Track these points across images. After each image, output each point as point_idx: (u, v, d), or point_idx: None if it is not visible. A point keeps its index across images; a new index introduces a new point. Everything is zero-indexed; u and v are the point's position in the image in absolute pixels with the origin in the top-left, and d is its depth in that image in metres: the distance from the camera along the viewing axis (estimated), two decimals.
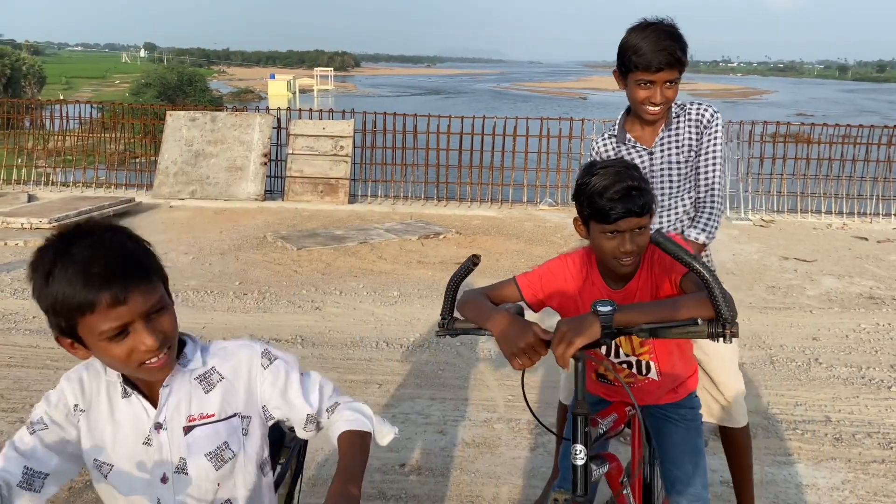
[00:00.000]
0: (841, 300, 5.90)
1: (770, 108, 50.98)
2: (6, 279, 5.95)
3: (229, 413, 1.37)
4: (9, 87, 30.78)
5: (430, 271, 6.48)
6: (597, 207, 1.75)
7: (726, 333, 1.51)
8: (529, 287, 1.95)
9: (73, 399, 1.32)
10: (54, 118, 11.23)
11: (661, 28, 2.30)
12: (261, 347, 1.43)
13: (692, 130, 2.47)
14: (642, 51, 2.28)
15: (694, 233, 2.47)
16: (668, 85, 2.34)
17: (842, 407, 3.91)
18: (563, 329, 1.55)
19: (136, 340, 1.22)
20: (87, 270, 1.18)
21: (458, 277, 1.79)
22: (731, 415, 2.61)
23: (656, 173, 2.50)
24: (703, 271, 1.48)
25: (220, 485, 1.35)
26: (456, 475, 3.17)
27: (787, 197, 9.78)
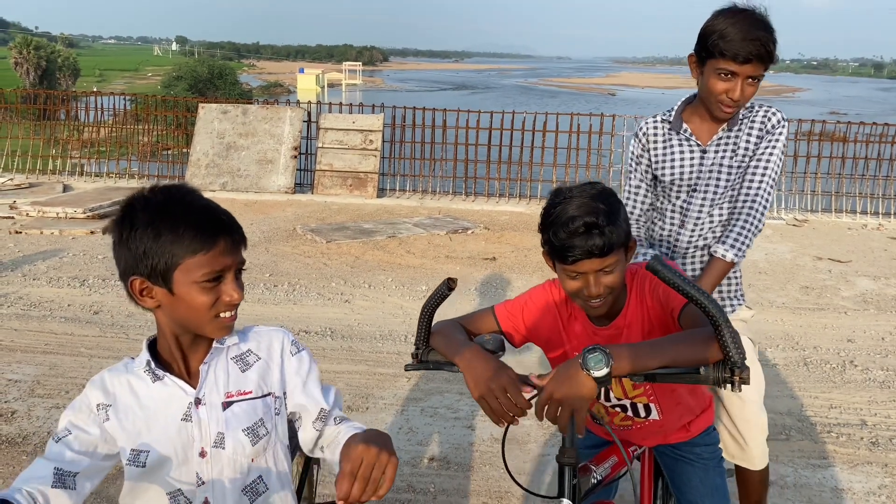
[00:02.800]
0: (877, 302, 5.78)
1: (803, 106, 50.06)
2: (42, 267, 6.08)
3: (265, 391, 1.42)
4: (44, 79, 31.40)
5: (458, 266, 6.48)
6: (554, 245, 1.51)
7: (734, 380, 1.30)
8: (509, 319, 1.73)
9: (96, 399, 1.35)
10: (88, 110, 11.42)
11: (754, 16, 2.05)
12: (290, 336, 1.50)
13: (754, 135, 2.21)
14: (730, 37, 2.02)
15: (721, 249, 2.17)
16: (750, 81, 2.07)
17: (878, 411, 3.83)
18: (556, 394, 1.34)
19: (224, 290, 1.32)
20: (212, 215, 1.30)
21: (433, 304, 1.56)
22: (750, 457, 2.37)
23: (704, 174, 2.24)
24: (708, 305, 1.28)
25: (255, 460, 1.39)
26: (485, 470, 3.17)
27: (822, 196, 9.60)
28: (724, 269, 2.18)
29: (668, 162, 2.28)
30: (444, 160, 10.28)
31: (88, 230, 7.25)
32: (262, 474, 1.41)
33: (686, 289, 1.29)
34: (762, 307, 5.46)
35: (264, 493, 1.42)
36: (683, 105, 2.30)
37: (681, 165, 2.26)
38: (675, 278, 1.30)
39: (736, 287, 2.38)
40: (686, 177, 2.26)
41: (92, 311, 5.08)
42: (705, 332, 1.35)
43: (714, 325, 1.30)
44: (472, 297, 5.61)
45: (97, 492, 2.84)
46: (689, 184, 2.27)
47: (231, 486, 1.37)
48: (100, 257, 6.40)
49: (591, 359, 1.31)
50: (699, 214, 2.26)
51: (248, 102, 11.53)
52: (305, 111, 10.20)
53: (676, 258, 2.32)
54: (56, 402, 3.67)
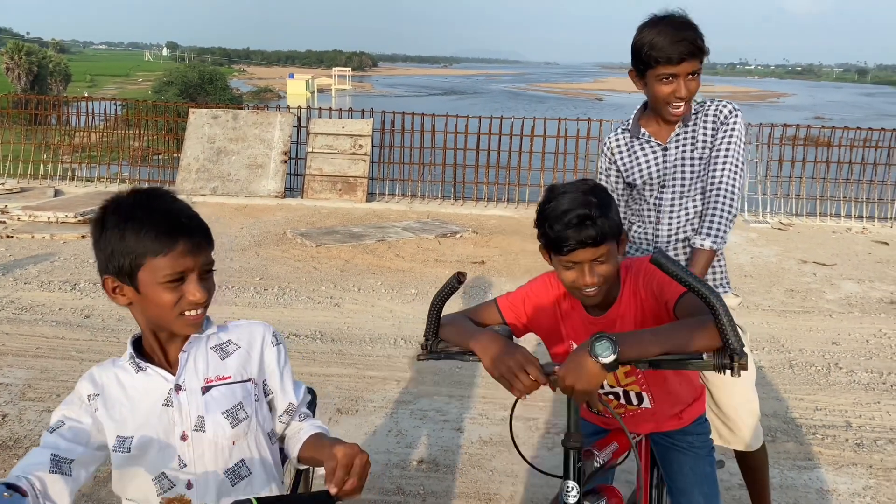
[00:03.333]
0: (861, 304, 5.86)
1: (788, 111, 50.50)
2: (33, 271, 6.06)
3: (245, 377, 1.48)
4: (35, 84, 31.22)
5: (447, 270, 6.51)
6: (550, 238, 1.61)
7: (734, 366, 1.38)
8: (511, 310, 1.81)
9: (87, 391, 1.41)
10: (79, 115, 11.38)
11: (675, 20, 2.20)
12: (271, 328, 1.57)
13: (709, 127, 2.34)
14: (660, 45, 2.16)
15: (699, 239, 2.25)
16: (690, 77, 2.20)
17: (863, 412, 3.89)
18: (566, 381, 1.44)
19: (187, 290, 1.37)
20: (173, 219, 1.35)
21: (443, 296, 1.63)
22: (745, 440, 2.44)
23: (669, 171, 2.37)
24: (709, 296, 1.36)
25: (236, 443, 1.44)
26: (473, 472, 3.20)
27: (806, 200, 9.71)
28: (708, 257, 2.25)
29: (635, 166, 2.42)
30: (433, 165, 10.33)
31: (79, 234, 7.23)
32: (244, 458, 1.46)
33: (687, 279, 1.37)
34: (748, 310, 5.52)
35: (247, 476, 1.47)
36: (640, 112, 2.44)
37: (647, 166, 2.40)
38: (678, 270, 1.39)
39: (721, 275, 2.48)
40: (654, 175, 2.39)
41: (83, 314, 5.07)
42: (705, 320, 1.42)
43: (714, 314, 1.36)
44: (460, 301, 5.65)
45: (88, 495, 2.85)
46: (659, 181, 2.40)
47: (213, 468, 1.42)
48: (91, 261, 6.39)
49: (598, 346, 1.38)
50: (671, 208, 2.38)
51: (239, 107, 11.54)
52: (295, 116, 10.22)
53: None
54: (47, 406, 3.67)
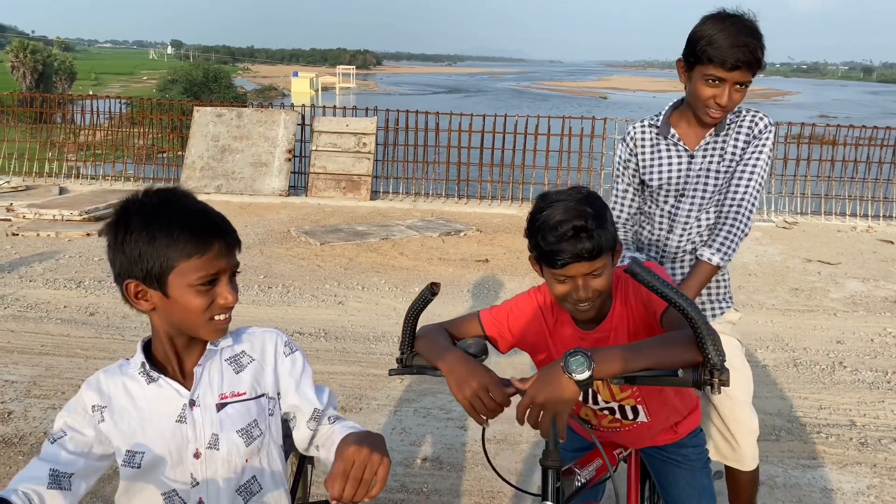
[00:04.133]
0: (866, 303, 5.84)
1: (793, 109, 50.32)
2: (39, 269, 6.09)
3: (259, 393, 1.43)
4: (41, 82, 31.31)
5: (451, 268, 6.52)
6: (542, 250, 1.52)
7: (714, 382, 1.31)
8: (494, 324, 1.73)
9: (91, 401, 1.35)
10: (84, 113, 11.42)
11: (743, 22, 2.04)
12: (284, 337, 1.51)
13: (741, 140, 2.20)
14: (718, 43, 2.01)
15: (707, 252, 2.16)
16: (738, 87, 2.07)
17: (867, 411, 3.89)
18: (537, 398, 1.34)
19: (219, 293, 1.33)
20: (206, 219, 1.30)
21: (417, 308, 1.58)
22: (741, 457, 2.35)
23: (692, 179, 2.24)
24: (687, 308, 1.29)
25: (248, 461, 1.40)
26: (477, 470, 3.20)
27: (811, 199, 9.69)
28: (710, 272, 2.17)
29: (655, 167, 2.28)
30: (437, 163, 10.33)
31: (84, 232, 7.26)
32: (255, 475, 1.42)
33: (664, 291, 1.30)
34: (752, 309, 5.51)
35: (258, 492, 1.43)
36: (671, 109, 2.29)
37: (668, 170, 2.27)
38: (654, 281, 1.30)
39: (724, 290, 2.37)
40: (674, 181, 2.26)
41: (88, 312, 5.09)
42: (685, 334, 1.36)
43: (693, 328, 1.30)
44: (464, 299, 5.66)
45: (94, 492, 2.86)
46: (677, 188, 2.27)
47: (225, 486, 1.38)
48: (96, 259, 6.42)
49: (572, 362, 1.32)
50: (687, 219, 2.27)
51: (243, 106, 11.55)
52: (299, 114, 10.23)
53: (666, 262, 2.32)
54: (52, 403, 3.69)
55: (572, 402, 1.35)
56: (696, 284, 2.17)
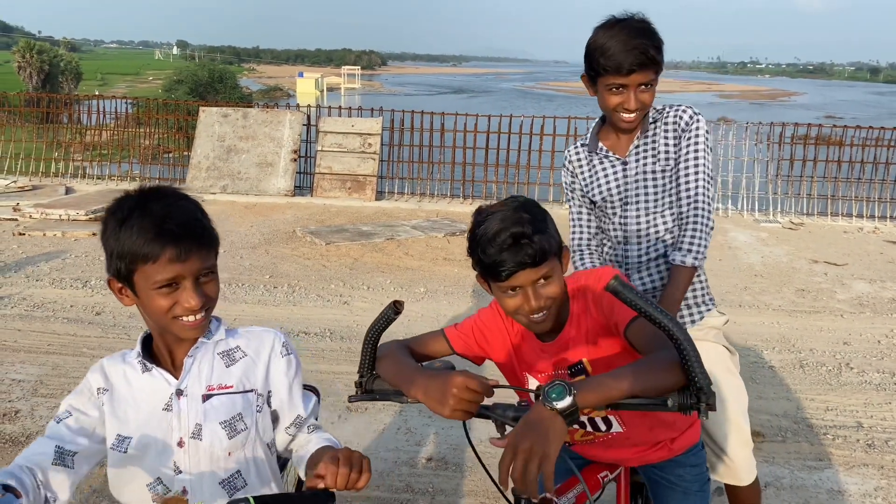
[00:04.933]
0: (872, 305, 5.82)
1: (799, 110, 50.17)
2: (45, 269, 6.11)
3: (247, 388, 1.45)
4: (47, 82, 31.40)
5: (455, 268, 6.52)
6: (485, 264, 1.47)
7: (701, 406, 1.24)
8: (461, 339, 1.68)
9: (97, 383, 1.41)
10: (90, 113, 11.48)
11: (631, 25, 2.04)
12: (283, 338, 1.53)
13: (670, 136, 2.18)
14: (611, 51, 2.01)
15: (679, 256, 2.12)
16: (642, 88, 2.07)
17: (874, 413, 3.87)
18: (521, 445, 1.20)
19: (181, 296, 1.34)
20: (160, 225, 1.31)
21: (378, 328, 1.49)
22: (736, 472, 2.27)
23: (631, 186, 2.22)
24: (672, 328, 1.23)
25: (231, 454, 1.42)
26: (482, 471, 3.20)
27: (818, 200, 9.66)
28: (689, 275, 2.12)
29: (594, 182, 2.28)
30: (442, 163, 10.34)
31: (90, 232, 7.28)
32: (240, 469, 1.44)
33: (648, 310, 1.23)
34: (758, 310, 5.50)
35: (243, 488, 1.44)
36: (598, 126, 2.31)
37: (606, 182, 2.26)
38: (637, 299, 1.23)
39: (703, 293, 2.29)
40: (614, 191, 2.24)
41: (94, 311, 5.11)
42: (668, 356, 1.29)
43: (678, 349, 1.24)
44: (468, 299, 5.66)
45: (101, 490, 2.87)
46: (619, 197, 2.25)
47: (209, 478, 1.41)
48: (102, 259, 6.42)
49: (550, 391, 1.23)
50: (638, 226, 2.23)
51: (249, 106, 11.58)
52: (305, 115, 10.25)
53: (631, 273, 2.26)
54: (59, 402, 3.68)
55: (560, 441, 1.21)
56: (678, 291, 2.12)
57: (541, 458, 1.18)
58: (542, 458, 1.18)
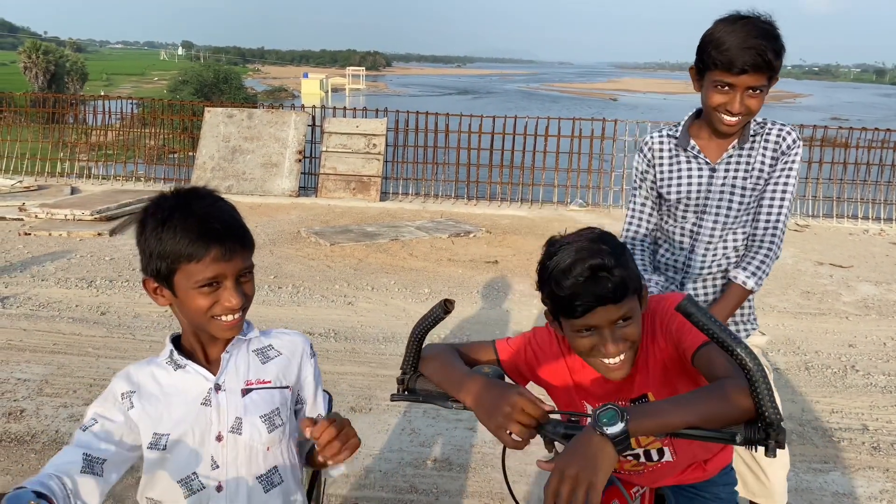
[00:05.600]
0: (878, 307, 5.80)
1: (805, 111, 50.03)
2: (50, 268, 6.13)
3: (283, 384, 1.47)
4: (53, 83, 31.51)
5: (460, 269, 6.52)
6: (557, 298, 1.35)
7: (769, 444, 1.16)
8: (509, 354, 1.59)
9: (120, 388, 1.40)
10: (96, 113, 11.50)
11: (754, 23, 1.92)
12: (308, 340, 1.57)
13: (767, 154, 2.09)
14: (725, 46, 1.90)
15: (742, 275, 2.07)
16: (750, 92, 1.95)
17: (879, 416, 3.86)
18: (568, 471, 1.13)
19: (222, 295, 1.36)
20: (205, 224, 1.33)
21: (426, 326, 1.42)
22: (772, 493, 2.24)
23: (714, 195, 2.12)
24: (745, 357, 1.14)
25: (270, 449, 1.43)
26: (486, 472, 3.20)
27: (823, 201, 9.63)
28: (743, 296, 2.09)
29: (674, 180, 2.16)
30: (447, 164, 10.34)
31: (96, 232, 7.31)
32: (277, 465, 1.44)
33: (720, 335, 1.15)
34: (763, 312, 5.48)
35: (279, 484, 1.45)
36: (691, 119, 2.17)
37: (688, 184, 2.14)
38: (710, 323, 1.16)
39: (749, 312, 2.27)
40: (693, 197, 2.14)
41: (99, 311, 5.12)
42: (735, 385, 1.20)
43: (749, 379, 1.15)
44: (473, 301, 5.65)
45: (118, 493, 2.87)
46: (698, 204, 2.15)
47: (246, 472, 1.41)
48: (107, 259, 6.46)
49: (602, 415, 1.16)
50: (711, 238, 2.14)
51: (254, 107, 11.60)
52: (310, 115, 10.26)
53: (687, 282, 2.20)
54: (64, 402, 3.71)
55: (610, 468, 1.14)
56: (728, 307, 2.09)
57: (588, 486, 1.12)
58: (588, 486, 1.12)
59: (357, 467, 3.17)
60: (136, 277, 5.94)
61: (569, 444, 1.19)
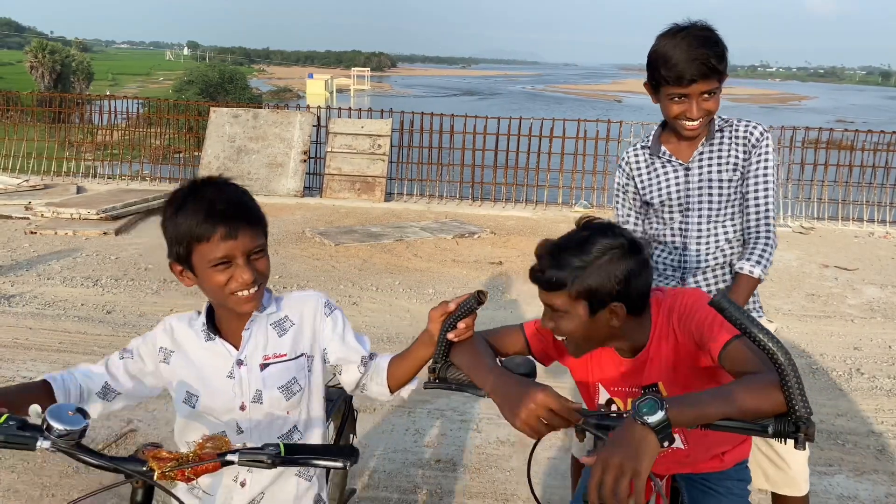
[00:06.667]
0: (884, 310, 5.79)
1: (810, 114, 49.86)
2: (56, 267, 6.15)
3: (298, 353, 1.59)
4: (59, 82, 31.61)
5: (464, 270, 6.52)
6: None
7: (798, 436, 1.20)
8: (538, 338, 1.66)
9: (161, 342, 1.57)
10: (102, 113, 11.56)
11: (693, 34, 2.03)
12: (324, 298, 1.65)
13: (738, 148, 2.20)
14: (672, 61, 2.01)
15: (748, 265, 2.15)
16: (705, 97, 2.06)
17: (885, 419, 3.85)
18: (611, 460, 1.15)
19: (236, 272, 1.46)
20: (211, 207, 1.44)
21: (458, 316, 1.47)
22: (793, 480, 2.26)
23: (693, 191, 2.23)
24: (776, 351, 1.18)
25: (289, 413, 1.58)
26: (491, 472, 3.20)
27: (828, 204, 9.61)
28: (753, 286, 2.17)
29: (654, 185, 2.28)
30: (452, 165, 10.34)
31: (101, 231, 7.33)
32: (296, 424, 1.60)
33: (752, 330, 1.19)
34: (768, 314, 5.46)
35: (299, 439, 1.61)
36: (660, 129, 2.30)
37: (667, 186, 2.26)
38: (742, 317, 1.19)
39: (755, 301, 2.37)
40: (674, 197, 2.25)
41: (104, 310, 5.14)
42: (767, 379, 1.24)
43: (780, 373, 1.19)
44: None
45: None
46: (680, 203, 2.25)
47: (268, 435, 1.56)
48: (112, 258, 6.48)
49: (641, 406, 1.18)
50: (699, 232, 2.24)
51: (259, 107, 11.62)
52: (315, 116, 10.28)
53: (688, 277, 2.29)
54: None
55: (653, 458, 1.16)
56: (741, 299, 2.15)
57: (632, 475, 1.14)
58: (633, 475, 1.14)
59: (360, 467, 3.17)
60: (141, 276, 5.96)
61: (611, 436, 1.22)
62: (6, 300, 5.24)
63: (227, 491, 1.55)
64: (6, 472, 3.08)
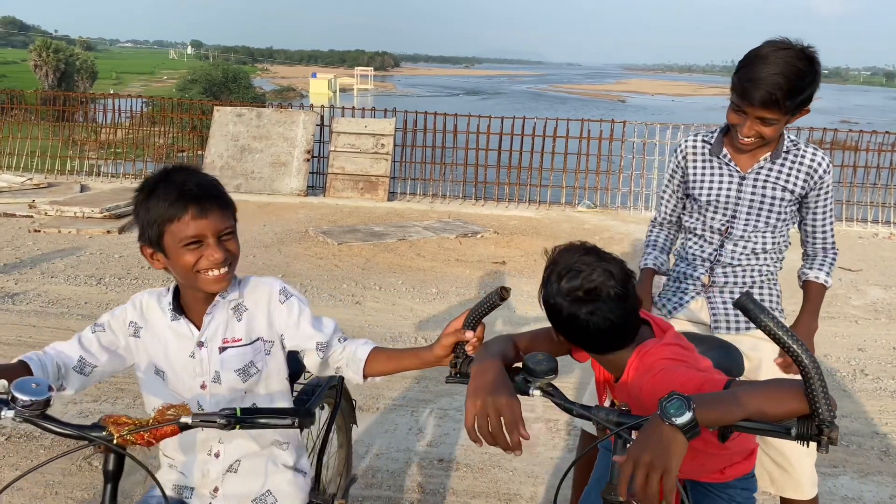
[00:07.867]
0: (888, 311, 5.77)
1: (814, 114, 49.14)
2: (60, 265, 6.16)
3: (253, 338, 1.64)
4: (63, 81, 31.68)
5: (467, 270, 6.52)
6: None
7: (822, 439, 1.20)
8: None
9: (131, 316, 1.62)
10: (105, 112, 11.56)
11: (786, 58, 1.97)
12: (279, 285, 1.68)
13: (801, 174, 2.21)
14: (749, 74, 1.99)
15: (823, 275, 2.32)
16: (760, 122, 2.05)
17: (889, 420, 3.83)
18: (642, 458, 1.18)
19: (206, 251, 1.51)
20: (181, 189, 1.50)
21: (481, 312, 1.49)
22: (798, 483, 2.24)
23: (744, 202, 2.24)
24: (801, 354, 1.17)
25: (247, 392, 1.64)
26: (494, 472, 3.20)
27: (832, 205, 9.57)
28: (823, 293, 2.33)
29: (705, 183, 2.29)
30: (455, 165, 10.34)
31: (105, 229, 7.34)
32: (255, 402, 1.66)
33: (776, 332, 1.19)
34: None
35: None
36: (725, 129, 2.28)
37: (718, 188, 2.26)
38: (768, 320, 1.19)
39: (778, 300, 2.45)
40: (723, 201, 2.26)
41: (108, 308, 5.11)
42: (792, 382, 1.25)
43: (804, 376, 1.19)
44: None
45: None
46: (727, 207, 2.26)
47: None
48: (116, 256, 6.49)
49: (668, 406, 1.19)
50: (741, 237, 2.28)
51: (262, 106, 11.63)
52: (318, 115, 10.28)
53: (717, 268, 2.32)
54: (73, 398, 3.72)
55: (682, 456, 1.18)
56: (816, 306, 2.32)
57: (662, 472, 1.16)
58: (664, 472, 1.16)
59: (362, 466, 3.17)
60: (144, 275, 5.97)
61: (639, 435, 1.23)
62: (10, 298, 5.26)
63: (202, 464, 1.64)
64: (9, 471, 3.09)
